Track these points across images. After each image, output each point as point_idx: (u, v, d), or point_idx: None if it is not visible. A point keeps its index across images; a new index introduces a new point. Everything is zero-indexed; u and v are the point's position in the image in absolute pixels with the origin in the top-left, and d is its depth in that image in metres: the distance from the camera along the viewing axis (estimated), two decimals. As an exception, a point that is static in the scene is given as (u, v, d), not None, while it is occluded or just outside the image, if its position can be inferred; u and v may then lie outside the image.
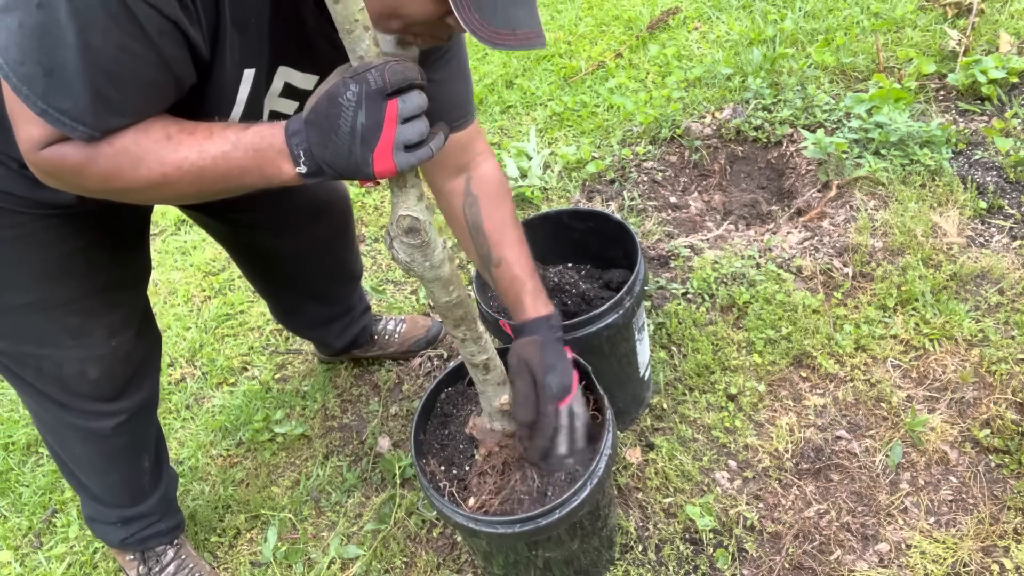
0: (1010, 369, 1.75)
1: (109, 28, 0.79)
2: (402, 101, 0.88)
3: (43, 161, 0.88)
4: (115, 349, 1.36)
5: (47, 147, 0.87)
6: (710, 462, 1.73)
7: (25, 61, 0.79)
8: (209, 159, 0.90)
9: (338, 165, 0.90)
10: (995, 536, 1.50)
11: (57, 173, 0.90)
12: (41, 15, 0.77)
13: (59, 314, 1.28)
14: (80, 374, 1.34)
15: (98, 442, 1.46)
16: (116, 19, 0.79)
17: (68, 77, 0.80)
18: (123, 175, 0.90)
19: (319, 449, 2.01)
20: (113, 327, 1.35)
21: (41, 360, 1.32)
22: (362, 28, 0.85)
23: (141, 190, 0.93)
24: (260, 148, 0.91)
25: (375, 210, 2.84)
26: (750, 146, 2.66)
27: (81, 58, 0.79)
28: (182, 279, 2.74)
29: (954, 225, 2.12)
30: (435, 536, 1.73)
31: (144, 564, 1.69)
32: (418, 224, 1.00)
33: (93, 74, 0.81)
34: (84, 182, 0.91)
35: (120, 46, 0.81)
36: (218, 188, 0.95)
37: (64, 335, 1.30)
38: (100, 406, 1.41)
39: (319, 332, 2.02)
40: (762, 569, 1.53)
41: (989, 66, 2.49)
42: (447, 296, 1.11)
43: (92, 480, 1.56)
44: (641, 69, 3.21)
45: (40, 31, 0.78)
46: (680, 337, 2.02)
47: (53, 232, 1.19)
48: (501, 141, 3.02)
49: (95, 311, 1.31)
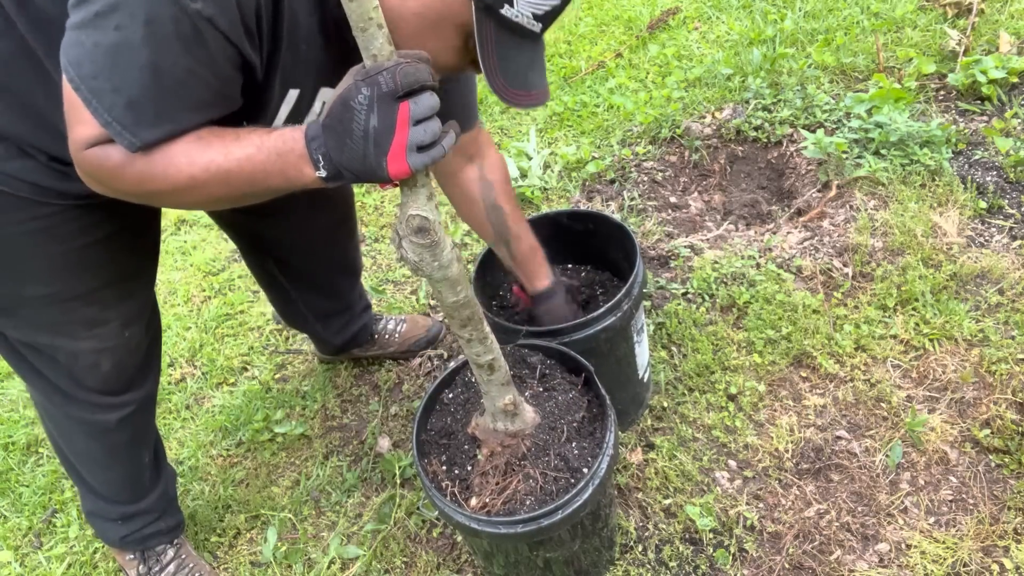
0: (1010, 369, 1.75)
1: (180, 53, 0.86)
2: (414, 103, 0.88)
3: (88, 160, 0.93)
4: (128, 340, 1.39)
5: (92, 147, 0.91)
6: (710, 462, 1.73)
7: (97, 76, 0.85)
8: (235, 161, 0.93)
9: (354, 168, 0.91)
10: (995, 536, 1.50)
11: (97, 173, 0.94)
12: (117, 36, 0.83)
13: (77, 305, 1.29)
14: (94, 366, 1.37)
15: (102, 436, 1.48)
16: (187, 45, 0.85)
17: (135, 96, 0.86)
18: (155, 178, 0.93)
19: (319, 449, 2.01)
20: (127, 317, 1.38)
21: (56, 351, 1.34)
22: (376, 26, 0.85)
23: (172, 192, 0.96)
24: (282, 152, 0.93)
25: (375, 210, 2.84)
26: (750, 146, 2.66)
27: (151, 79, 0.86)
28: (182, 279, 2.74)
29: (954, 225, 2.12)
30: (435, 536, 1.73)
31: (144, 563, 1.69)
32: (428, 224, 0.99)
33: (158, 95, 0.87)
34: (121, 184, 0.95)
35: (188, 70, 0.87)
36: (246, 191, 0.97)
37: (80, 326, 1.31)
38: (107, 399, 1.43)
39: (318, 327, 2.02)
40: (762, 569, 1.53)
41: (989, 66, 2.49)
42: (454, 296, 1.10)
43: (94, 475, 1.57)
44: (641, 69, 3.21)
45: (115, 51, 0.84)
46: (680, 337, 2.02)
47: (74, 224, 1.21)
48: (501, 141, 3.02)
49: (111, 302, 1.34)
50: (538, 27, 0.99)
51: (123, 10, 0.82)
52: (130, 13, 0.82)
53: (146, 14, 0.82)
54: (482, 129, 1.52)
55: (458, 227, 2.62)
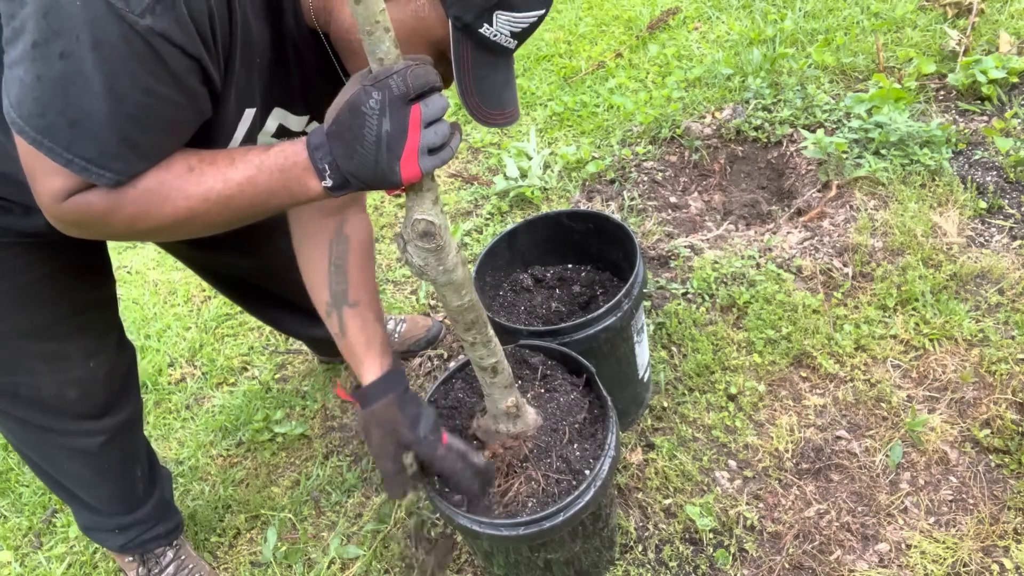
0: (1010, 369, 1.75)
1: (136, 73, 0.78)
2: (424, 105, 0.87)
3: (67, 212, 0.86)
4: (94, 369, 1.34)
5: (70, 197, 0.85)
6: (710, 462, 1.73)
7: (45, 113, 0.78)
8: (235, 186, 0.89)
9: (364, 175, 0.89)
10: (995, 536, 1.50)
11: (82, 222, 0.88)
12: (64, 66, 0.76)
13: (31, 342, 1.25)
14: (58, 396, 1.32)
15: (87, 459, 1.43)
16: (143, 63, 0.78)
17: (94, 126, 0.79)
18: (150, 215, 0.89)
19: (319, 449, 2.01)
20: (89, 349, 1.33)
21: (17, 387, 1.29)
22: (383, 30, 0.83)
23: (169, 227, 0.91)
24: (285, 168, 0.90)
25: (374, 210, 2.84)
26: (750, 146, 2.66)
27: (109, 106, 0.78)
28: (182, 279, 2.74)
29: (954, 225, 2.12)
30: (435, 536, 1.73)
31: (144, 566, 1.69)
32: (433, 228, 0.98)
33: (121, 120, 0.80)
34: (110, 228, 0.90)
35: (147, 90, 0.80)
36: (247, 214, 0.94)
37: (38, 361, 1.27)
38: (84, 424, 1.38)
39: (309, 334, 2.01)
40: (762, 569, 1.53)
41: (989, 66, 2.49)
42: (459, 300, 1.10)
43: (84, 492, 1.53)
44: (641, 69, 3.21)
45: (64, 82, 0.76)
46: (680, 337, 2.02)
47: (19, 259, 1.17)
48: (501, 141, 3.02)
49: (69, 335, 1.29)
50: (514, 44, 0.98)
51: (66, 36, 0.74)
52: (75, 38, 0.74)
53: (92, 37, 0.74)
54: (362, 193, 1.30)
55: (458, 228, 2.61)
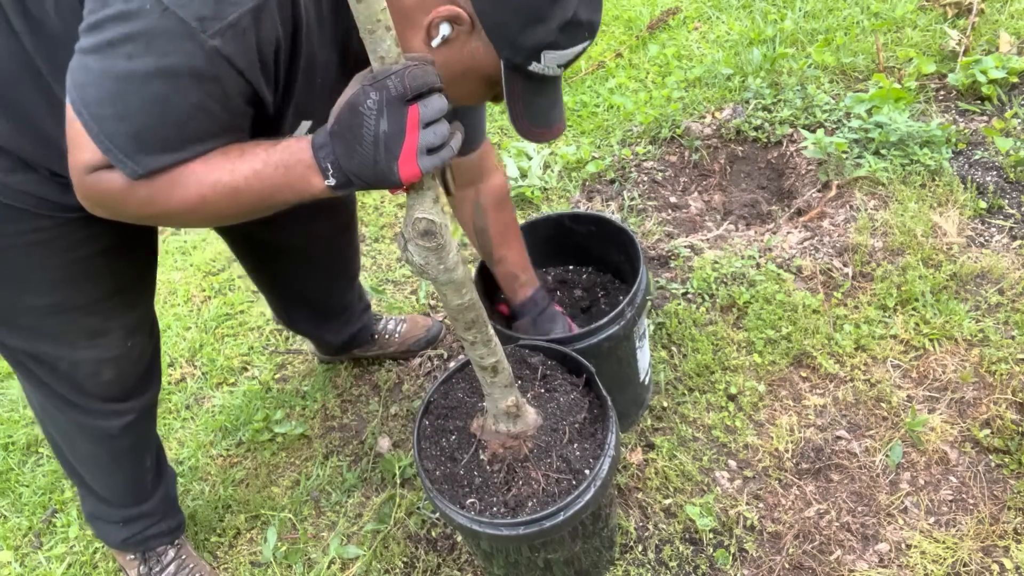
0: (1010, 369, 1.75)
1: (190, 88, 0.85)
2: (423, 106, 0.88)
3: (89, 186, 0.92)
4: (130, 350, 1.39)
5: (93, 172, 0.90)
6: (710, 462, 1.73)
7: (102, 103, 0.84)
8: (241, 178, 0.92)
9: (364, 175, 0.90)
10: (995, 536, 1.50)
11: (100, 198, 0.94)
12: (129, 66, 0.82)
13: (78, 315, 1.29)
14: (94, 375, 1.36)
15: (106, 442, 1.47)
16: (200, 80, 0.85)
17: (140, 126, 0.85)
18: (160, 199, 0.92)
19: (319, 449, 2.01)
20: (129, 328, 1.37)
21: (57, 360, 1.33)
22: (384, 28, 0.84)
23: (180, 214, 0.95)
24: (289, 164, 0.92)
25: (375, 210, 2.84)
26: (750, 146, 2.66)
27: (159, 112, 0.85)
28: (182, 279, 2.74)
29: (954, 225, 2.12)
30: (435, 536, 1.73)
31: (144, 564, 1.69)
32: (434, 227, 0.98)
33: (164, 126, 0.87)
34: (125, 208, 0.95)
35: (198, 104, 0.87)
36: (255, 207, 0.96)
37: (81, 336, 1.31)
38: (111, 406, 1.43)
39: (317, 330, 2.02)
40: (762, 569, 1.53)
41: (989, 66, 2.49)
42: (459, 299, 1.10)
43: (97, 479, 1.57)
44: (641, 69, 3.21)
45: (124, 80, 0.83)
46: (680, 337, 2.02)
47: (75, 236, 1.20)
48: (501, 141, 3.02)
49: (113, 313, 1.33)
50: (561, 72, 1.05)
51: (138, 41, 0.82)
52: (145, 44, 0.82)
53: (162, 47, 0.82)
54: (489, 154, 1.53)
55: (458, 228, 2.61)
